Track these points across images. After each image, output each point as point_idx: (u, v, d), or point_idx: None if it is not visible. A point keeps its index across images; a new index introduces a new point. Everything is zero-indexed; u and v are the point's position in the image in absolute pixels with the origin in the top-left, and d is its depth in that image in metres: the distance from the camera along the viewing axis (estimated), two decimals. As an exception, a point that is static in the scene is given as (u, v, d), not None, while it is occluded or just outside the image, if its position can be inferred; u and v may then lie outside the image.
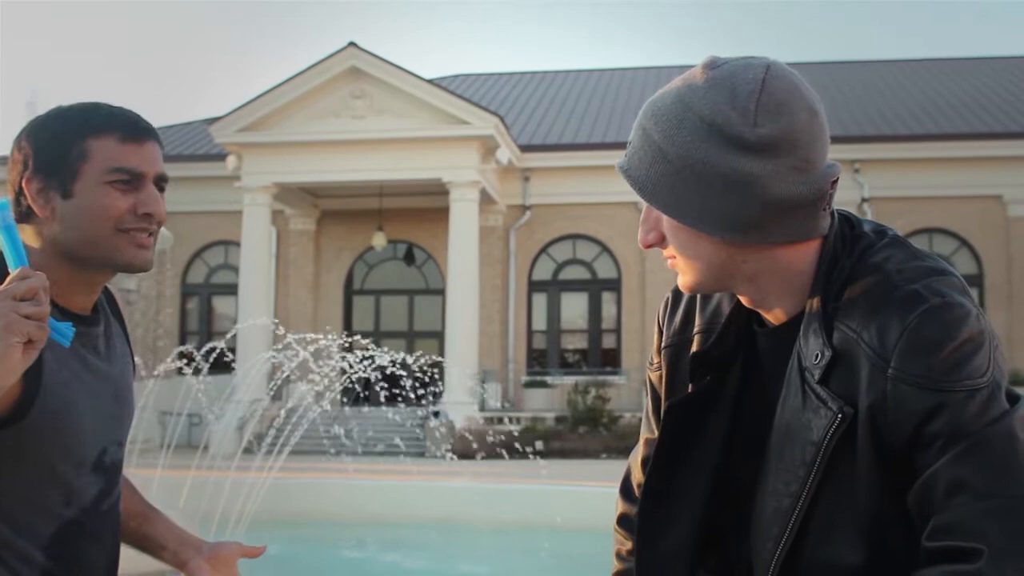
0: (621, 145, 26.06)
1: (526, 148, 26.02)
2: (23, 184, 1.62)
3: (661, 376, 1.60)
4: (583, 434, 21.84)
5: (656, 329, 1.63)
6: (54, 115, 1.65)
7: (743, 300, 1.46)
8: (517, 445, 18.18)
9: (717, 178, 1.30)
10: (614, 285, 26.41)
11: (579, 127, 28.19)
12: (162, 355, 22.83)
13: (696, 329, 1.53)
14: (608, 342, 26.61)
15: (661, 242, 1.42)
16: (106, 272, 1.67)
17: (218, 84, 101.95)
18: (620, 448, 20.78)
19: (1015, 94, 29.04)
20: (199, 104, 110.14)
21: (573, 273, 26.83)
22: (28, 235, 1.61)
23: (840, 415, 1.29)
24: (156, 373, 9.78)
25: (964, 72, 32.17)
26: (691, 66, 1.36)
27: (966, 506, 1.21)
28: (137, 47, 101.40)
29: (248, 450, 9.70)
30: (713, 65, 1.35)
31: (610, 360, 26.23)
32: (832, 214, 1.40)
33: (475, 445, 18.29)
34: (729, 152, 1.29)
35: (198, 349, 9.24)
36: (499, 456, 17.26)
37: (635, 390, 24.70)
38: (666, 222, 1.39)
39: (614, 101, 30.91)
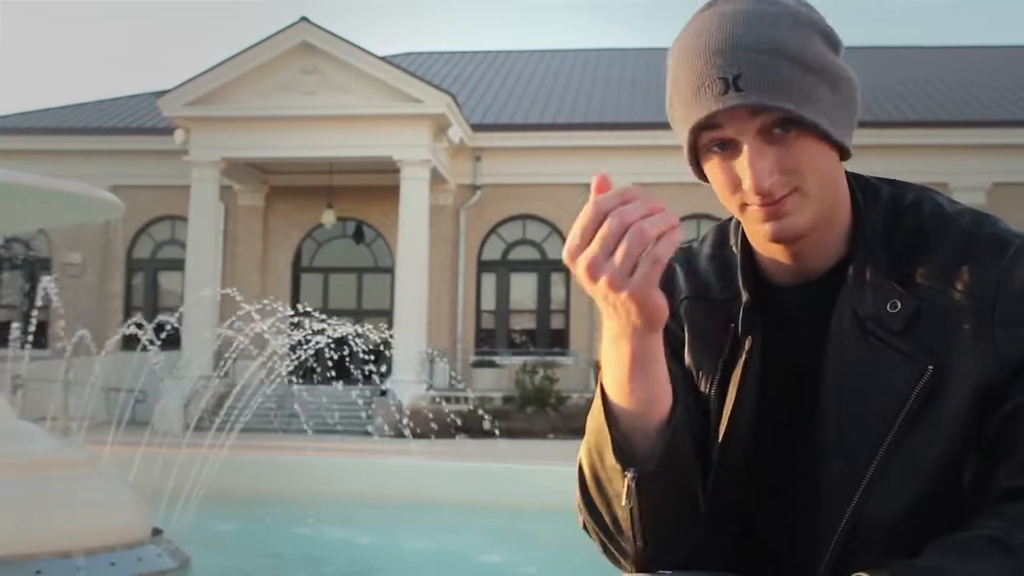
0: (572, 126, 26.24)
1: (478, 127, 25.99)
2: None
3: (676, 333, 1.42)
4: (531, 414, 21.92)
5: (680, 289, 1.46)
6: None
7: (789, 252, 1.34)
8: (464, 424, 18.23)
9: (841, 80, 1.28)
10: (563, 266, 26.13)
11: (531, 107, 28.19)
12: (108, 331, 22.63)
13: (683, 294, 1.43)
14: (557, 323, 26.72)
15: (801, 183, 1.26)
16: None
17: (168, 57, 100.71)
18: (567, 428, 20.86)
19: (962, 83, 29.46)
20: (148, 77, 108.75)
21: (523, 253, 26.89)
22: None
23: (931, 367, 1.25)
24: (106, 349, 9.67)
25: (911, 60, 32.56)
26: (647, 49, 1.33)
27: None
28: (84, 17, 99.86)
29: (200, 427, 9.65)
30: None
31: (558, 341, 26.34)
32: None
33: (423, 425, 18.30)
34: (832, 51, 1.28)
35: (139, 327, 9.13)
36: (447, 435, 17.29)
37: (583, 371, 24.84)
38: (802, 147, 1.25)
39: (567, 82, 30.91)
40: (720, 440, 1.37)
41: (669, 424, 1.24)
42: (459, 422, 18.33)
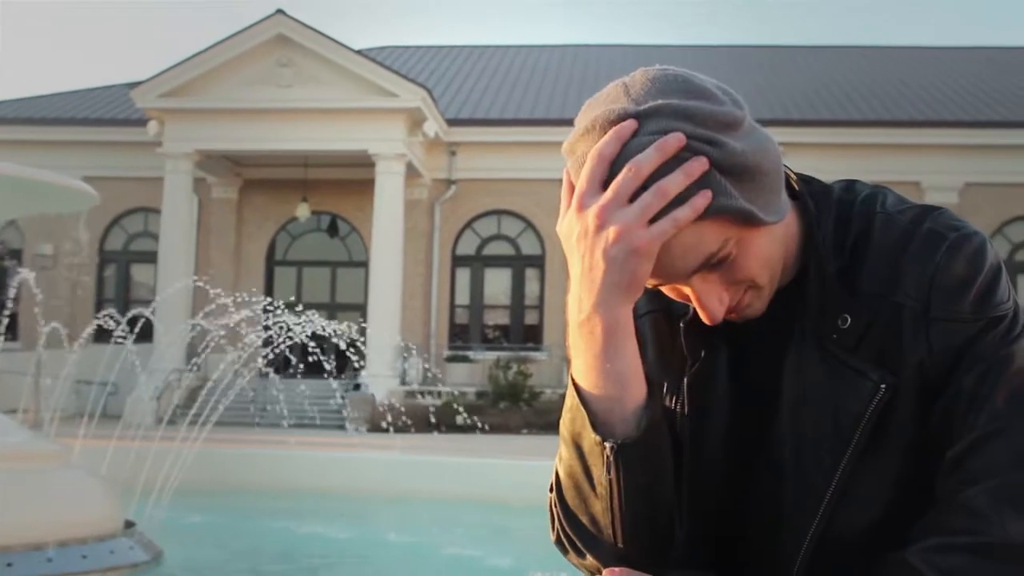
0: (548, 121, 26.21)
1: (453, 122, 25.97)
2: None
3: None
4: (504, 409, 21.94)
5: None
6: None
7: None
8: (438, 419, 18.23)
9: (749, 166, 1.19)
10: (538, 262, 26.52)
11: (507, 102, 28.19)
12: (80, 323, 22.47)
13: (680, 307, 1.37)
14: (531, 318, 26.73)
15: (753, 282, 1.25)
16: None
17: (143, 48, 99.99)
18: (541, 424, 20.92)
19: (934, 83, 29.68)
20: (121, 68, 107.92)
21: (497, 249, 26.88)
22: None
23: (883, 385, 1.24)
24: (79, 342, 9.61)
25: (886, 60, 32.75)
26: (623, 45, 1.30)
27: (981, 433, 1.20)
28: (58, 8, 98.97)
29: (173, 421, 9.61)
30: (646, 95, 1.21)
31: (532, 336, 26.36)
32: None
33: (397, 419, 18.28)
34: (751, 137, 1.21)
35: (113, 319, 9.07)
36: (420, 430, 17.28)
37: (556, 367, 24.86)
38: (753, 246, 1.22)
39: (542, 77, 30.94)
40: (688, 455, 1.35)
41: (647, 404, 1.22)
42: (433, 417, 18.31)
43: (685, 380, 1.36)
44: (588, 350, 1.21)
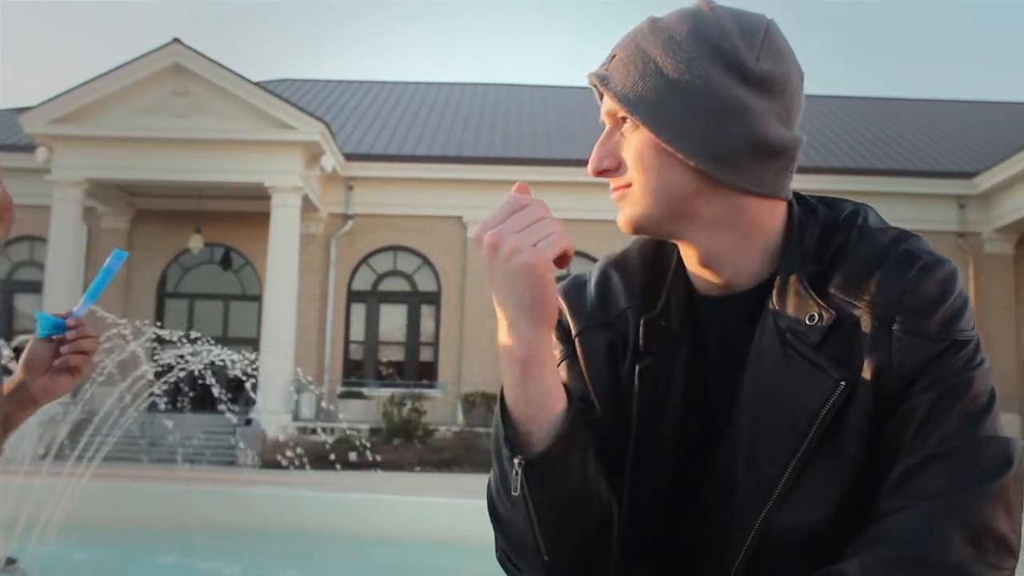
0: (446, 159, 26.31)
1: (351, 156, 25.87)
2: None
3: (576, 366, 1.44)
4: (397, 446, 21.77)
5: (560, 321, 1.46)
6: None
7: (690, 255, 1.38)
8: (331, 455, 17.97)
9: (711, 100, 1.28)
10: (434, 298, 26.47)
11: (405, 138, 28.19)
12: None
13: (624, 305, 1.43)
14: (426, 355, 26.63)
15: (616, 169, 1.34)
16: None
17: (34, 74, 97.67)
18: (434, 461, 20.80)
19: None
20: (10, 93, 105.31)
21: (393, 285, 26.77)
22: None
23: (843, 383, 1.26)
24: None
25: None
26: (531, 86, 1.40)
27: (928, 453, 1.23)
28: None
29: (59, 456, 9.33)
30: (714, 3, 1.35)
31: (427, 373, 26.26)
32: None
33: (289, 455, 18.01)
34: (729, 77, 1.28)
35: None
36: (313, 466, 17.03)
37: (451, 404, 24.80)
38: (634, 144, 1.32)
39: (441, 114, 31.03)
40: (632, 452, 1.36)
41: (563, 418, 1.24)
42: (329, 453, 18.08)
43: (637, 370, 1.37)
44: (507, 372, 1.24)
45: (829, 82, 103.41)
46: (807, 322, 1.29)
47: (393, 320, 26.80)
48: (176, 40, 23.21)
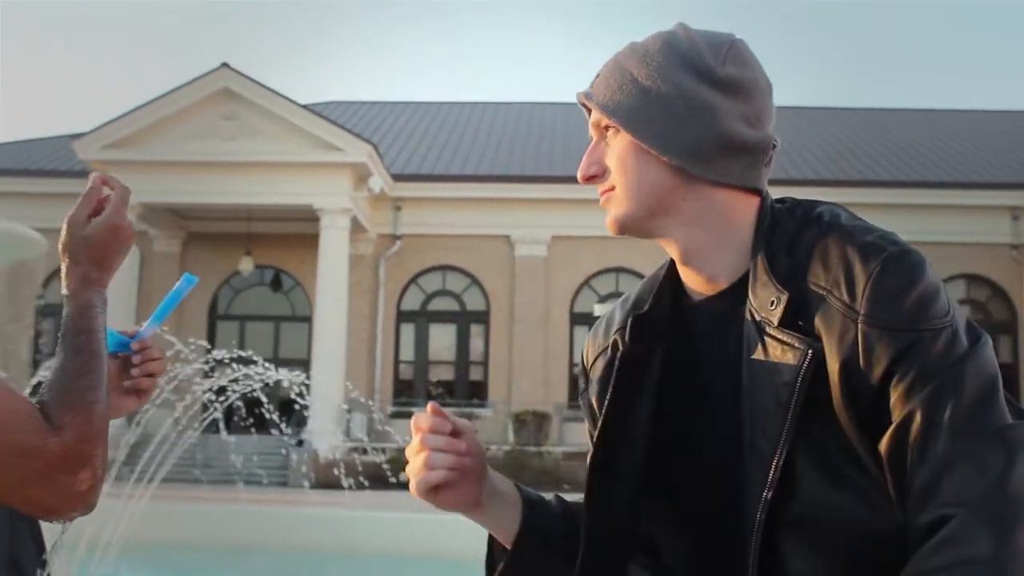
0: (494, 178, 26.37)
1: (399, 177, 25.98)
2: None
3: (586, 397, 1.62)
4: (448, 466, 21.73)
5: (583, 356, 1.65)
6: None
7: (672, 253, 1.49)
8: (382, 475, 17.99)
9: (680, 100, 1.41)
10: (482, 317, 26.48)
11: (452, 158, 28.28)
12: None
13: (618, 324, 1.55)
14: (475, 374, 26.64)
15: (602, 175, 1.47)
16: None
17: (87, 100, 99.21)
18: (485, 480, 20.74)
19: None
20: (64, 120, 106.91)
21: (442, 304, 26.82)
22: None
23: (810, 351, 1.32)
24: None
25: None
26: (569, 104, 1.46)
27: (942, 459, 1.26)
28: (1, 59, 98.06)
29: (117, 477, 9.41)
30: (687, 25, 1.49)
31: (477, 392, 26.25)
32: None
33: (341, 475, 18.06)
34: (696, 81, 1.41)
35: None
36: (364, 486, 17.06)
37: (500, 423, 24.76)
38: (615, 149, 1.45)
39: (488, 133, 31.12)
40: (596, 443, 1.50)
41: (513, 546, 1.52)
42: (385, 472, 18.10)
43: (616, 363, 1.50)
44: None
45: (879, 95, 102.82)
46: (769, 307, 1.37)
47: (442, 340, 26.84)
48: (225, 64, 23.47)
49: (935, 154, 29.54)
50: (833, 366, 1.31)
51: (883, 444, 1.30)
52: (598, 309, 23.75)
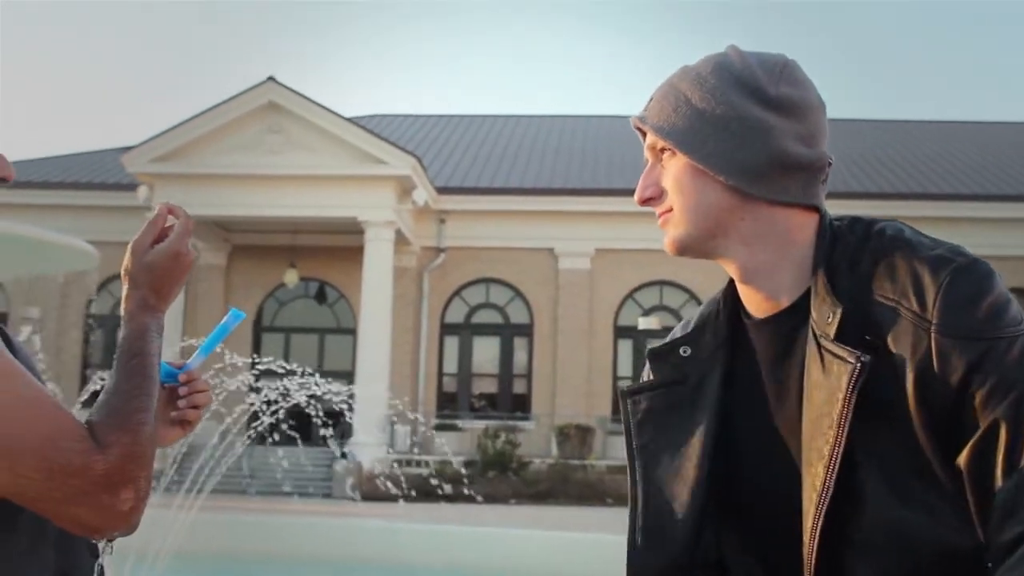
0: (538, 191, 26.38)
1: (443, 190, 26.05)
2: None
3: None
4: (492, 479, 21.73)
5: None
6: None
7: (732, 272, 1.50)
8: (425, 488, 18.00)
9: (735, 120, 1.42)
10: (526, 330, 26.46)
11: (496, 171, 28.32)
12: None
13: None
14: (519, 387, 26.60)
15: (659, 197, 1.48)
16: None
17: (133, 114, 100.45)
18: (529, 494, 20.72)
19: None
20: (112, 133, 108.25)
21: (486, 317, 26.82)
22: None
23: (859, 363, 1.31)
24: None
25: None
26: (619, 116, 1.45)
27: None
28: (47, 72, 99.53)
29: (167, 488, 9.48)
30: (739, 47, 1.50)
31: (520, 405, 26.21)
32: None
33: (384, 487, 18.09)
34: (750, 101, 1.42)
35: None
36: (408, 498, 17.09)
37: (544, 436, 24.71)
38: (672, 171, 1.46)
39: (531, 146, 31.14)
40: (639, 477, 1.52)
41: None
42: (429, 484, 18.11)
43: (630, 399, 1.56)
44: None
45: (922, 108, 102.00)
46: (827, 321, 1.37)
47: (486, 352, 26.84)
48: (271, 78, 23.64)
49: (981, 165, 29.18)
50: (908, 377, 1.30)
51: (963, 456, 1.28)
52: (642, 322, 23.67)
